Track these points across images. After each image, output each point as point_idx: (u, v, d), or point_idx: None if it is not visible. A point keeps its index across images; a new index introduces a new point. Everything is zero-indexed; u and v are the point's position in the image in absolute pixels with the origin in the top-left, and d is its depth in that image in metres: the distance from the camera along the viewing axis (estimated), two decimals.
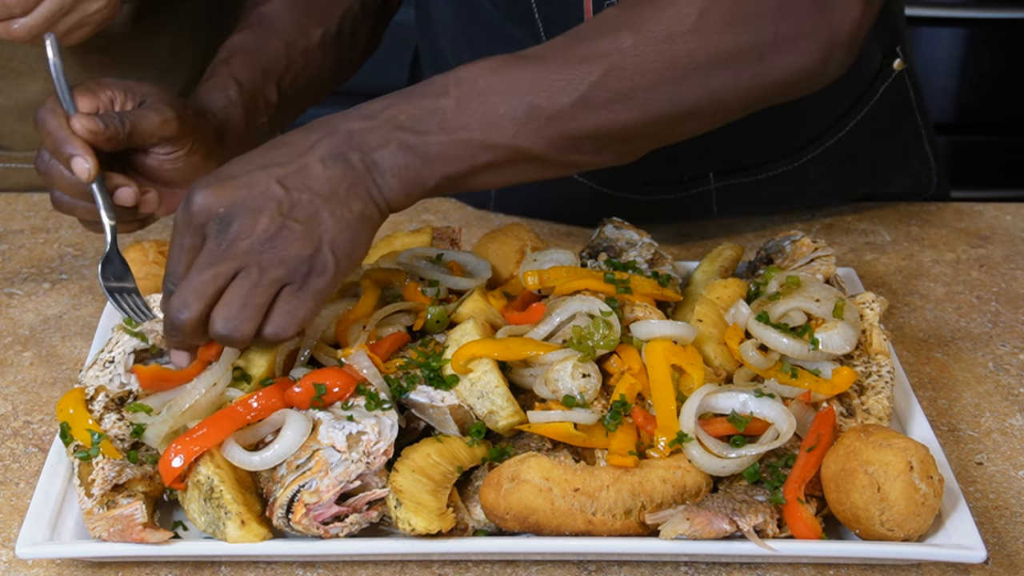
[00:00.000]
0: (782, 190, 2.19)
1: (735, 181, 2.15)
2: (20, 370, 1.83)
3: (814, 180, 2.20)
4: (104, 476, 1.48)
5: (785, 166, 2.15)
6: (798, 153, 2.14)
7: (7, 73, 2.18)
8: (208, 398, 1.53)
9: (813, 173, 2.18)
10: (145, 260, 1.81)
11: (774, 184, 2.16)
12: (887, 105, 2.16)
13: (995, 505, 1.60)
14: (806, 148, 2.14)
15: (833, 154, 2.16)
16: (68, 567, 1.49)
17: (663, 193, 2.16)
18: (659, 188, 2.15)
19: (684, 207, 2.19)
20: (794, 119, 2.09)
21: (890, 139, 2.22)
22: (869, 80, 2.13)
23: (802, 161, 2.15)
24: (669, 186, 2.15)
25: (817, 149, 2.15)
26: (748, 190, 2.17)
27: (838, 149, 2.16)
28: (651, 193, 2.15)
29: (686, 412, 1.53)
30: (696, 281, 1.86)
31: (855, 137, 2.16)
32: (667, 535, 1.43)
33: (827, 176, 2.20)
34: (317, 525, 1.43)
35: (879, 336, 1.69)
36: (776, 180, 2.16)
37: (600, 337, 1.61)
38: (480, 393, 1.56)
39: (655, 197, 2.16)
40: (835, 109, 2.13)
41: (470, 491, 1.51)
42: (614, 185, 2.15)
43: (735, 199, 2.19)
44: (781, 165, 2.15)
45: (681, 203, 2.18)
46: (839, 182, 2.23)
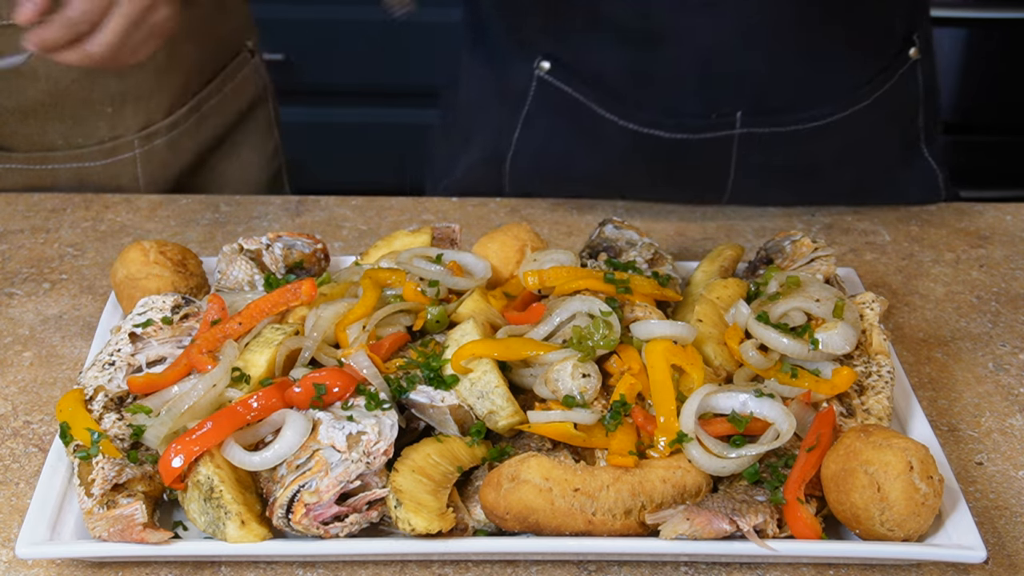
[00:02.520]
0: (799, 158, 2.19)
1: (759, 130, 2.14)
2: (20, 370, 1.83)
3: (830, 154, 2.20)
4: (104, 476, 1.48)
5: (806, 122, 2.15)
6: (820, 109, 2.15)
7: (7, 75, 2.19)
8: (208, 399, 1.53)
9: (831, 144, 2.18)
10: (146, 260, 1.81)
11: (793, 145, 2.16)
12: (899, 94, 2.19)
13: (995, 505, 1.60)
14: (827, 107, 2.15)
15: (847, 129, 2.17)
16: (68, 567, 1.49)
17: (689, 131, 2.14)
18: (686, 124, 2.14)
19: (705, 153, 2.17)
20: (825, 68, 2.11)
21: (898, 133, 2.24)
22: (891, 56, 2.16)
23: (822, 122, 2.16)
24: (696, 121, 2.14)
25: (836, 114, 2.16)
26: (768, 146, 2.16)
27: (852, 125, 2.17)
28: (676, 129, 2.14)
29: (686, 412, 1.53)
30: (696, 281, 1.86)
31: (867, 118, 2.17)
32: (667, 535, 1.43)
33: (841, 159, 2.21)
34: (317, 525, 1.43)
35: (879, 336, 1.69)
36: (795, 139, 2.16)
37: (600, 337, 1.61)
38: (480, 393, 1.56)
39: (679, 136, 2.14)
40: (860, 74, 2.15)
41: (470, 491, 1.51)
42: (639, 119, 2.14)
43: (753, 156, 2.17)
44: (803, 119, 2.15)
45: (703, 148, 2.16)
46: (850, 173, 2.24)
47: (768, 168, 2.20)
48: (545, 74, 2.15)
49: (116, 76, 2.24)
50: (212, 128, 2.46)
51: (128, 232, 2.18)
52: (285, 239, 1.90)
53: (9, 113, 2.23)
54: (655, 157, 2.14)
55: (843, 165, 2.22)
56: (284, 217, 2.23)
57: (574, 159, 2.23)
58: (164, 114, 2.34)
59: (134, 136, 2.31)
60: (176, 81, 2.32)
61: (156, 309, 1.72)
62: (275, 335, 1.63)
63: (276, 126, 2.66)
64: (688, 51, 2.05)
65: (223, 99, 2.47)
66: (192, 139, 2.41)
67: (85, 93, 2.23)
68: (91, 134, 2.28)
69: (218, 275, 1.86)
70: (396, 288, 1.73)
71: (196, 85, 2.39)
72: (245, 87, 2.53)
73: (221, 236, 2.17)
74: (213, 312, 1.69)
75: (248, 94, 2.54)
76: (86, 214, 2.23)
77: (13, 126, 2.24)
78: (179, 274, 1.82)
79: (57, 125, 2.25)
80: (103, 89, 2.24)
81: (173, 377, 1.60)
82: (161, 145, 2.35)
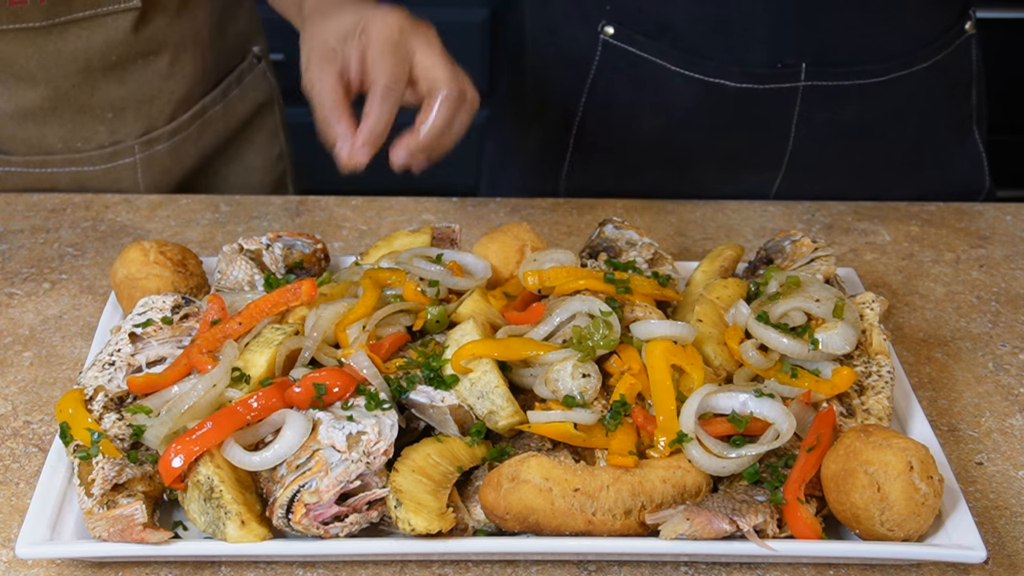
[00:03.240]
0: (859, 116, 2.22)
1: (823, 83, 2.16)
2: (20, 370, 1.83)
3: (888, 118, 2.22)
4: (104, 476, 1.48)
5: (868, 77, 2.18)
6: (881, 64, 2.18)
7: (7, 79, 2.18)
8: (207, 399, 1.53)
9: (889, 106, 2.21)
10: (146, 260, 1.81)
11: (856, 100, 2.19)
12: (955, 65, 2.22)
13: (995, 505, 1.60)
14: (891, 63, 2.18)
15: (906, 91, 2.20)
16: (68, 567, 1.49)
17: (755, 80, 2.17)
18: (752, 73, 2.17)
19: (770, 105, 2.20)
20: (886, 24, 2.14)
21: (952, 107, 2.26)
22: (950, 22, 2.19)
23: (882, 79, 2.18)
24: (762, 70, 2.17)
25: (895, 72, 2.18)
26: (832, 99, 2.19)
27: (914, 87, 2.20)
28: (742, 79, 2.17)
29: (686, 412, 1.53)
30: (696, 281, 1.86)
31: (925, 83, 2.20)
32: (667, 535, 1.43)
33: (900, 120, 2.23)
34: (317, 525, 1.43)
35: (879, 336, 1.69)
36: (859, 94, 2.18)
37: (600, 337, 1.61)
38: (480, 393, 1.56)
39: (745, 85, 2.17)
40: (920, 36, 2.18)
41: (470, 491, 1.51)
42: (706, 68, 2.17)
43: (816, 112, 2.20)
44: (865, 74, 2.18)
45: (769, 99, 2.19)
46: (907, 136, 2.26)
47: (830, 125, 2.23)
48: (610, 38, 2.17)
49: (117, 82, 2.24)
50: (216, 134, 2.44)
51: (128, 232, 2.18)
52: (285, 239, 1.90)
53: (8, 116, 2.23)
54: (721, 109, 2.18)
55: (901, 128, 2.25)
56: (284, 217, 2.23)
57: (641, 119, 2.27)
58: (166, 120, 2.33)
59: (135, 141, 2.30)
60: (179, 87, 2.31)
61: (156, 309, 1.72)
62: (275, 335, 1.63)
63: (282, 131, 2.64)
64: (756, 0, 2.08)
65: (228, 105, 2.45)
66: (195, 145, 2.40)
67: (85, 98, 2.23)
68: (90, 139, 2.27)
69: (218, 275, 1.86)
70: (396, 288, 1.73)
71: (200, 91, 2.38)
72: (251, 93, 2.51)
73: (221, 236, 2.17)
74: (213, 312, 1.69)
75: (254, 100, 2.53)
76: (86, 214, 2.23)
77: (11, 129, 2.24)
78: (179, 274, 1.82)
79: (56, 129, 2.24)
80: (103, 95, 2.24)
81: (173, 377, 1.60)
82: (162, 151, 2.34)
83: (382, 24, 1.61)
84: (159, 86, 2.29)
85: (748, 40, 2.12)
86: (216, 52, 2.40)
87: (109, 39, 2.17)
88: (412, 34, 1.62)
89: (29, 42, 2.13)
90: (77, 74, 2.19)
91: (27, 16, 2.09)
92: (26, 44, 2.14)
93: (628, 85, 2.23)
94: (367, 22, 1.61)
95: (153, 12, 2.20)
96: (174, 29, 2.26)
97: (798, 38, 2.13)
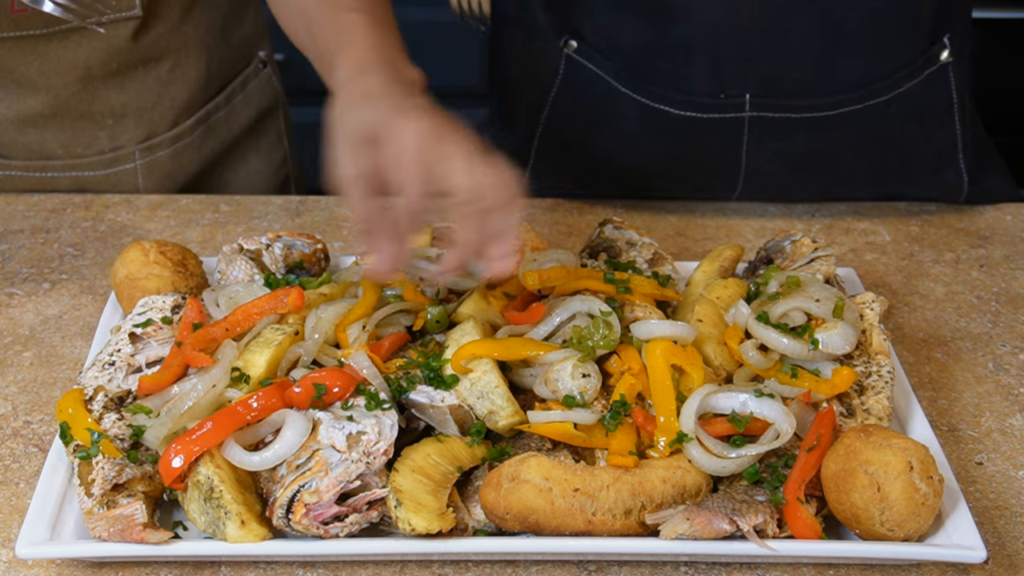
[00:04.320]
0: (811, 147, 2.18)
1: (769, 115, 2.13)
2: (20, 370, 1.83)
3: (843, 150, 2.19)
4: (104, 476, 1.48)
5: (818, 110, 2.14)
6: (834, 99, 2.13)
7: (8, 84, 2.18)
8: (207, 399, 1.53)
9: (843, 139, 2.17)
10: (146, 260, 1.81)
11: (805, 132, 2.15)
12: (927, 94, 2.17)
13: (995, 505, 1.60)
14: (841, 97, 2.14)
15: (865, 122, 2.16)
16: (68, 567, 1.49)
17: (698, 109, 2.14)
18: (695, 102, 2.14)
19: (716, 134, 2.17)
20: (837, 56, 2.10)
21: (925, 135, 2.22)
22: (917, 53, 2.14)
23: (836, 112, 2.14)
24: (706, 99, 2.14)
25: (850, 106, 2.14)
26: (780, 132, 2.15)
27: (871, 119, 2.15)
28: (685, 107, 2.14)
29: (686, 412, 1.53)
30: (696, 281, 1.86)
31: (889, 113, 2.16)
32: (667, 535, 1.43)
33: (856, 154, 2.20)
34: (317, 525, 1.43)
35: (879, 336, 1.69)
36: (808, 127, 2.15)
37: (600, 337, 1.61)
38: (480, 393, 1.56)
39: (688, 113, 2.14)
40: (878, 66, 2.13)
41: (470, 491, 1.51)
42: (651, 94, 2.15)
43: (766, 142, 2.16)
44: (815, 107, 2.14)
45: (714, 128, 2.16)
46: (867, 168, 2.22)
47: (781, 155, 2.20)
48: (573, 52, 2.17)
49: (117, 89, 2.23)
50: (219, 140, 2.43)
51: (128, 232, 2.18)
52: (285, 239, 1.90)
53: (8, 122, 2.22)
54: (667, 135, 2.16)
55: (860, 161, 2.21)
56: (284, 217, 2.23)
57: (597, 137, 2.25)
58: (168, 126, 2.32)
59: (135, 147, 2.29)
60: (181, 93, 2.31)
61: (156, 309, 1.72)
62: (275, 335, 1.63)
63: (286, 135, 2.62)
64: (698, 26, 2.06)
65: (231, 111, 2.44)
66: (197, 151, 2.39)
67: (85, 105, 2.22)
68: (91, 144, 2.27)
69: (218, 275, 1.86)
70: (396, 288, 1.74)
71: (203, 97, 2.36)
72: (255, 98, 2.49)
73: (221, 236, 2.16)
74: (191, 314, 1.68)
75: (258, 105, 2.51)
76: (86, 214, 2.23)
77: (12, 135, 2.24)
78: (179, 274, 1.82)
79: (57, 135, 2.24)
80: (104, 101, 2.23)
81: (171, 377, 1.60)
82: (164, 157, 2.33)
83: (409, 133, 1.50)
84: (160, 92, 2.28)
85: (690, 69, 2.09)
86: (220, 58, 2.38)
87: (110, 47, 2.17)
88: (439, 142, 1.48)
89: (30, 49, 2.13)
90: (78, 81, 2.19)
91: (28, 23, 2.09)
92: (27, 51, 2.13)
93: (587, 102, 2.21)
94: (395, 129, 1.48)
95: (154, 20, 2.19)
96: (176, 36, 2.25)
97: (740, 70, 2.09)
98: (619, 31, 2.14)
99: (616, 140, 2.22)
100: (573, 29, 2.18)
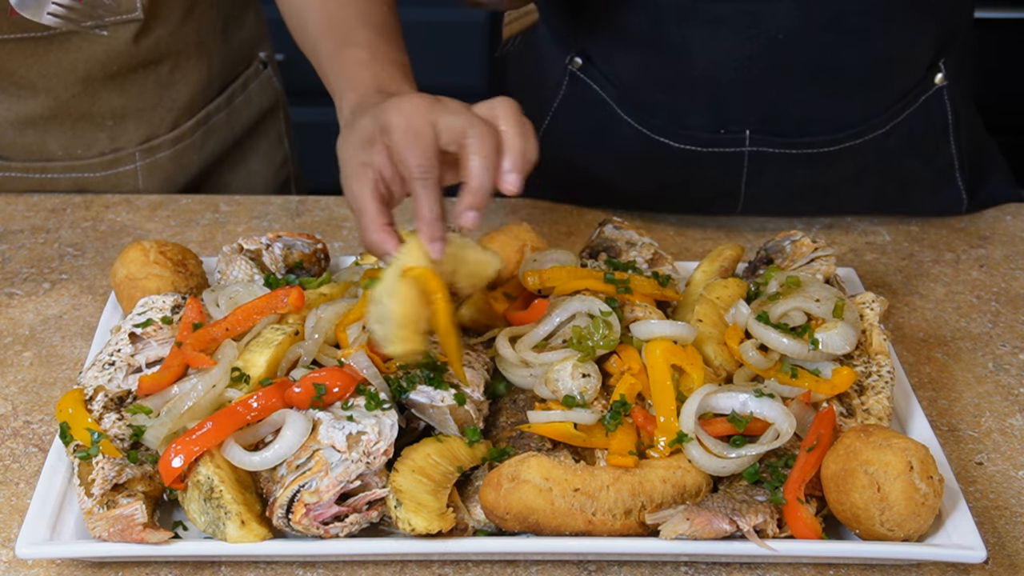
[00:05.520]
0: (811, 179, 2.18)
1: (769, 150, 2.12)
2: (20, 370, 1.83)
3: (842, 181, 2.19)
4: (104, 476, 1.48)
5: (819, 147, 2.13)
6: (833, 135, 2.13)
7: (8, 86, 2.18)
8: (207, 399, 1.53)
9: (843, 171, 2.17)
10: (145, 260, 1.81)
11: (805, 166, 2.15)
12: (923, 119, 2.15)
13: (995, 505, 1.60)
14: (841, 135, 2.13)
15: (865, 156, 2.15)
16: (68, 567, 1.49)
17: (698, 144, 2.14)
18: (695, 136, 2.14)
19: (716, 168, 2.17)
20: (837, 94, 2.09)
21: (923, 159, 2.21)
22: (915, 80, 2.13)
23: (835, 148, 2.14)
24: (705, 134, 2.14)
25: (850, 141, 2.13)
26: (780, 165, 2.14)
27: (871, 151, 2.15)
28: (685, 141, 2.14)
29: (686, 412, 1.53)
30: (696, 281, 1.86)
31: (889, 144, 2.15)
32: (667, 535, 1.43)
33: (855, 183, 2.19)
34: (317, 525, 1.43)
35: (879, 336, 1.69)
36: (808, 161, 2.14)
37: (600, 337, 1.61)
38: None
39: (688, 147, 2.14)
40: (878, 100, 2.12)
41: (470, 491, 1.51)
42: (652, 126, 2.15)
43: (766, 174, 2.16)
44: (815, 144, 2.13)
45: (713, 162, 2.15)
46: (866, 194, 2.22)
47: (781, 185, 2.19)
48: (577, 70, 2.17)
49: (118, 90, 2.23)
50: (219, 141, 2.43)
51: (128, 232, 2.18)
52: (285, 239, 1.90)
53: (8, 124, 2.22)
54: (666, 166, 2.15)
55: (860, 189, 2.20)
56: (284, 217, 2.23)
57: (594, 157, 2.25)
58: (168, 128, 2.32)
59: (135, 149, 2.29)
60: (181, 95, 2.30)
61: (156, 309, 1.72)
62: (275, 335, 1.63)
63: (287, 136, 2.62)
64: (698, 63, 2.05)
65: (232, 112, 2.44)
66: (198, 152, 2.39)
67: (86, 107, 2.22)
68: (91, 146, 2.27)
69: (218, 275, 1.86)
70: None
71: (203, 99, 2.36)
72: (256, 99, 2.49)
73: (221, 236, 2.17)
74: (192, 314, 1.68)
75: (259, 106, 2.51)
76: (86, 214, 2.23)
77: (11, 136, 2.24)
78: (179, 274, 1.82)
79: (57, 136, 2.24)
80: (104, 103, 2.23)
81: (171, 377, 1.60)
82: (164, 158, 2.33)
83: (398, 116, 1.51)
84: (161, 94, 2.28)
85: (690, 104, 2.08)
86: (221, 59, 2.38)
87: (110, 49, 2.17)
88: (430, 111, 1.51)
89: (30, 51, 2.13)
90: (78, 83, 2.19)
91: (28, 25, 2.09)
92: (27, 53, 2.13)
93: (588, 122, 2.21)
94: (385, 120, 1.51)
95: (155, 22, 2.19)
96: (176, 38, 2.25)
97: (740, 107, 2.08)
98: (620, 58, 2.14)
99: (614, 165, 2.22)
100: (579, 47, 2.18)
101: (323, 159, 4.57)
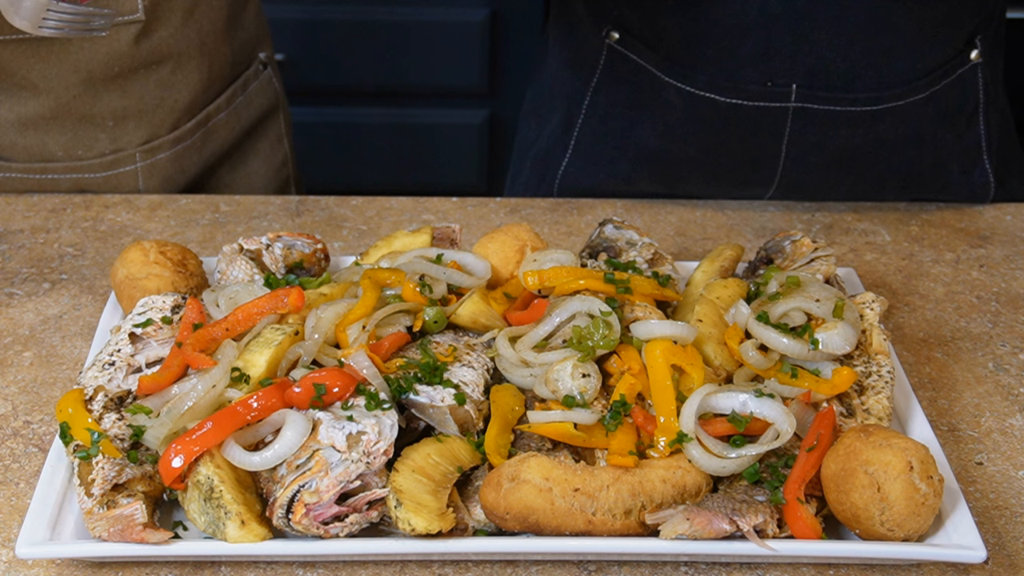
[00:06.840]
0: (851, 142, 2.21)
1: (813, 106, 2.16)
2: (20, 370, 1.83)
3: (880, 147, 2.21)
4: (104, 476, 1.48)
5: (860, 104, 2.17)
6: (876, 93, 2.16)
7: (9, 87, 2.18)
8: (207, 399, 1.53)
9: (883, 134, 2.19)
10: (146, 260, 1.81)
11: (846, 127, 2.18)
12: (958, 93, 2.20)
13: (995, 505, 1.60)
14: (885, 94, 2.17)
15: (904, 119, 2.19)
16: (68, 567, 1.49)
17: (744, 97, 2.17)
18: (741, 89, 2.17)
19: (760, 124, 2.19)
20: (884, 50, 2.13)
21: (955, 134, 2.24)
22: (956, 51, 2.17)
23: (876, 107, 2.17)
24: (752, 87, 2.17)
25: (891, 102, 2.17)
26: (823, 125, 2.18)
27: (910, 116, 2.18)
28: (732, 94, 2.17)
29: (686, 412, 1.53)
30: (696, 281, 1.86)
31: (926, 111, 2.18)
32: (667, 535, 1.43)
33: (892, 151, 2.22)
34: (317, 525, 1.43)
35: (879, 336, 1.69)
36: (849, 121, 2.17)
37: (600, 337, 1.61)
38: None
39: (734, 100, 2.17)
40: (921, 63, 2.16)
41: (470, 491, 1.51)
42: (697, 82, 2.18)
43: (808, 134, 2.19)
44: (858, 101, 2.16)
45: (758, 117, 2.18)
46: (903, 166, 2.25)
47: (821, 149, 2.22)
48: (615, 43, 2.20)
49: (118, 92, 2.23)
50: (220, 142, 2.43)
51: (128, 232, 2.18)
52: (285, 239, 1.90)
53: (9, 125, 2.22)
54: (711, 123, 2.18)
55: (895, 156, 2.24)
56: (284, 217, 2.23)
57: (637, 128, 2.27)
58: (169, 129, 2.32)
59: (136, 149, 2.29)
60: (182, 96, 2.30)
61: (156, 309, 1.72)
62: (275, 335, 1.63)
63: (287, 136, 2.63)
64: (749, 15, 2.09)
65: (233, 113, 2.44)
66: (198, 153, 2.39)
67: (86, 108, 2.22)
68: (91, 146, 2.27)
69: (218, 275, 1.86)
70: (396, 288, 1.74)
71: (204, 100, 2.37)
72: (256, 100, 2.50)
73: (221, 236, 2.17)
74: (192, 315, 1.68)
75: (259, 107, 2.51)
76: (86, 214, 2.23)
77: (12, 137, 2.24)
78: (179, 274, 1.82)
79: (57, 137, 2.24)
80: (105, 104, 2.23)
81: (171, 377, 1.60)
82: (165, 159, 2.33)
83: None
84: (161, 95, 2.28)
85: (739, 57, 2.12)
86: (221, 60, 2.38)
87: (112, 50, 2.17)
88: None
89: (31, 52, 2.13)
90: (79, 84, 2.19)
91: None
92: (28, 54, 2.13)
93: (628, 92, 2.25)
94: None
95: (156, 24, 2.19)
96: (177, 40, 2.25)
97: (789, 58, 2.12)
98: (665, 20, 2.16)
99: (656, 131, 2.25)
100: (615, 20, 2.21)
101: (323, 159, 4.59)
